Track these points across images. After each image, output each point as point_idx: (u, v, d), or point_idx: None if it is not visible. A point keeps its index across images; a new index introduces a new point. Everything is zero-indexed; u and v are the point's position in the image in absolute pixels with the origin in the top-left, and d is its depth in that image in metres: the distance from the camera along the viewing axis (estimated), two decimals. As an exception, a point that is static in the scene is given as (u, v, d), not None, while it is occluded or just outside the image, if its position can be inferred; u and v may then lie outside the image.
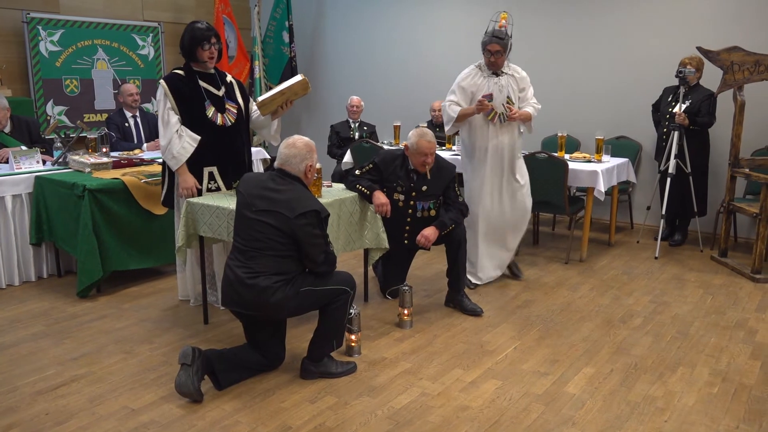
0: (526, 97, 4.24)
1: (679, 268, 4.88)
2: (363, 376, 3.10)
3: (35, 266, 4.47)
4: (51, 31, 6.24)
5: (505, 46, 4.06)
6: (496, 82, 4.14)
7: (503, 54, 4.08)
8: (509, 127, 4.20)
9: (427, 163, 3.80)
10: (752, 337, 3.58)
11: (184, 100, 3.57)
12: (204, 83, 3.63)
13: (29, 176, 4.38)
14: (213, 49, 3.58)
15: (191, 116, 3.58)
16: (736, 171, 4.84)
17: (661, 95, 5.51)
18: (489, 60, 4.11)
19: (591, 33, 6.04)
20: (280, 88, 3.69)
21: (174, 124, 3.54)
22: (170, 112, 3.55)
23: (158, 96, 3.61)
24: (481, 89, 4.14)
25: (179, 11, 7.43)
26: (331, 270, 2.99)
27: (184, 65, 3.67)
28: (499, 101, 4.12)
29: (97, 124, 6.34)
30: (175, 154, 3.55)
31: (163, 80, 3.59)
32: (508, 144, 4.21)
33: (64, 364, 3.21)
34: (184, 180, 3.60)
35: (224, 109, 3.67)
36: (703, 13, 5.56)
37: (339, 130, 6.63)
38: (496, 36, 4.03)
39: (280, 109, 3.74)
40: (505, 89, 4.14)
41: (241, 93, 3.80)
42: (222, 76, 3.75)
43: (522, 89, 4.22)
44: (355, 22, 7.62)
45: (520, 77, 4.21)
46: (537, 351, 3.40)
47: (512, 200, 4.33)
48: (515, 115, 4.11)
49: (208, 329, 3.67)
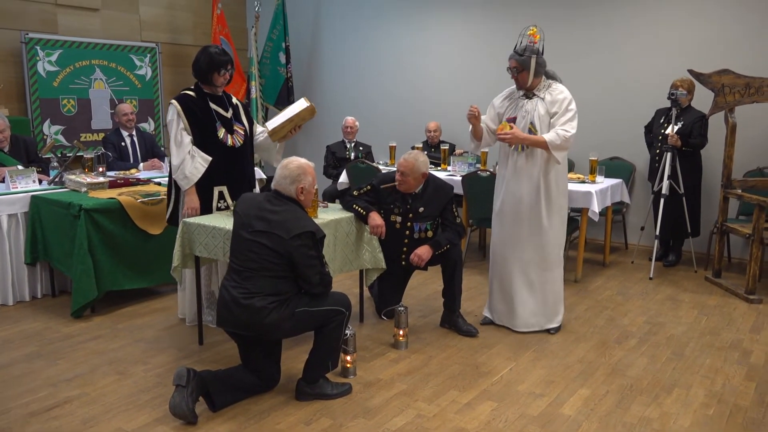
0: (554, 123, 3.67)
1: (674, 288, 4.90)
2: (358, 397, 3.09)
3: (29, 286, 4.46)
4: (49, 51, 6.28)
5: (523, 63, 3.64)
6: (522, 105, 3.77)
7: (522, 71, 3.67)
8: (533, 157, 3.74)
9: (399, 181, 3.83)
10: (747, 359, 3.59)
11: (196, 120, 3.64)
12: (214, 105, 3.71)
13: (25, 196, 4.38)
14: (227, 75, 3.69)
15: (203, 137, 3.65)
16: (728, 192, 4.88)
17: (654, 117, 5.57)
18: (512, 77, 3.75)
19: (583, 55, 6.12)
20: (288, 115, 3.80)
21: (187, 145, 3.61)
22: (183, 132, 3.61)
23: (170, 116, 3.65)
24: (509, 110, 3.84)
25: (177, 32, 7.49)
26: (327, 291, 2.99)
27: (194, 86, 3.73)
28: (520, 127, 3.72)
29: (94, 144, 6.37)
30: (187, 174, 3.60)
31: (175, 100, 3.64)
32: (529, 176, 3.74)
33: (58, 386, 3.19)
34: (190, 200, 3.66)
35: (233, 130, 3.76)
36: (694, 36, 5.65)
37: (335, 150, 6.66)
38: (515, 51, 3.68)
39: (289, 134, 3.85)
40: (530, 114, 3.72)
41: (245, 115, 3.90)
42: (228, 98, 3.85)
43: (553, 114, 3.68)
44: (352, 44, 7.69)
45: (551, 100, 3.69)
46: (532, 372, 3.39)
47: (529, 242, 3.82)
48: (504, 137, 3.65)
49: (202, 350, 3.65)
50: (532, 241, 3.81)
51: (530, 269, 3.85)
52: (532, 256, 3.83)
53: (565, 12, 6.16)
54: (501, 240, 3.93)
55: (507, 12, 6.53)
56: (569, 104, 3.68)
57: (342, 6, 7.70)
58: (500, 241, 3.93)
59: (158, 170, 5.49)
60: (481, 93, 6.63)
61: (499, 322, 4.02)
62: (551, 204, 3.78)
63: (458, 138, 6.72)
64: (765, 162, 5.44)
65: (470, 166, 5.70)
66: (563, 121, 3.65)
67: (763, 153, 5.46)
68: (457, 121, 6.87)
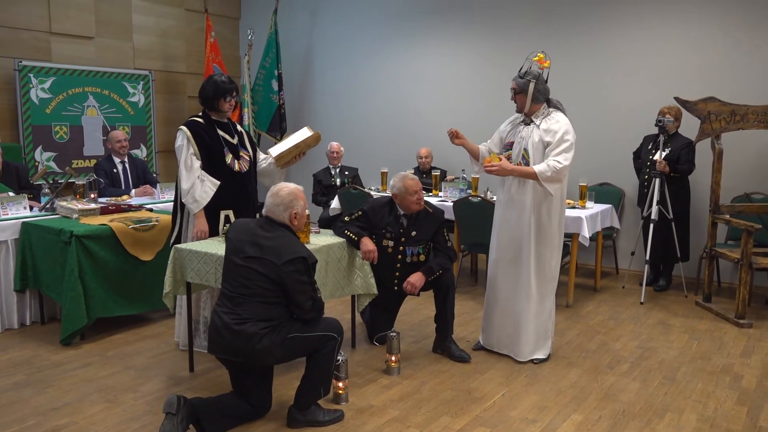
0: (547, 154, 3.61)
1: (665, 313, 4.92)
2: (350, 424, 3.07)
3: (18, 313, 4.41)
4: (42, 78, 6.31)
5: (522, 86, 3.62)
6: (520, 131, 3.75)
7: (519, 94, 3.65)
8: (524, 186, 3.70)
9: (420, 199, 3.88)
10: (738, 383, 3.60)
11: (205, 146, 3.74)
12: (221, 131, 3.83)
13: (16, 222, 4.36)
14: (233, 101, 3.83)
15: (212, 162, 3.75)
16: (717, 217, 4.94)
17: (642, 143, 5.65)
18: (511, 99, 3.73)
19: (572, 82, 6.21)
20: (295, 141, 3.94)
21: (197, 169, 3.70)
22: (193, 157, 3.71)
23: (179, 141, 3.74)
24: (509, 136, 3.82)
25: (170, 60, 7.56)
26: (319, 316, 2.99)
27: (202, 113, 3.86)
28: (515, 153, 3.71)
29: (86, 170, 6.36)
30: (197, 198, 3.68)
31: (185, 126, 3.75)
32: (521, 204, 3.72)
33: (46, 414, 3.15)
34: (200, 223, 3.74)
35: (239, 156, 3.87)
36: (681, 64, 5.76)
37: (321, 178, 6.63)
38: (518, 74, 3.66)
39: (293, 159, 3.99)
40: (524, 141, 3.69)
41: (249, 141, 4.01)
42: (234, 125, 3.97)
43: (546, 143, 3.62)
44: (344, 71, 7.78)
45: (546, 129, 3.62)
46: (525, 397, 3.38)
47: (520, 271, 3.79)
48: (491, 170, 3.59)
49: (193, 377, 3.62)
50: (523, 270, 3.77)
51: (520, 297, 3.82)
52: (523, 285, 3.80)
53: (554, 40, 6.27)
54: (495, 267, 3.94)
55: (497, 39, 6.64)
56: (564, 135, 3.59)
57: (334, 33, 7.81)
58: (494, 267, 3.94)
59: (150, 197, 5.49)
60: (472, 119, 6.72)
61: (490, 348, 4.01)
62: (542, 234, 3.72)
63: (449, 164, 6.77)
64: (752, 187, 5.51)
65: (461, 192, 5.74)
66: (557, 152, 3.57)
67: (749, 179, 5.54)
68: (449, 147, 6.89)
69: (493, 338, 3.99)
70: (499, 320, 3.93)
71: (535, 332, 3.82)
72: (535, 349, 3.85)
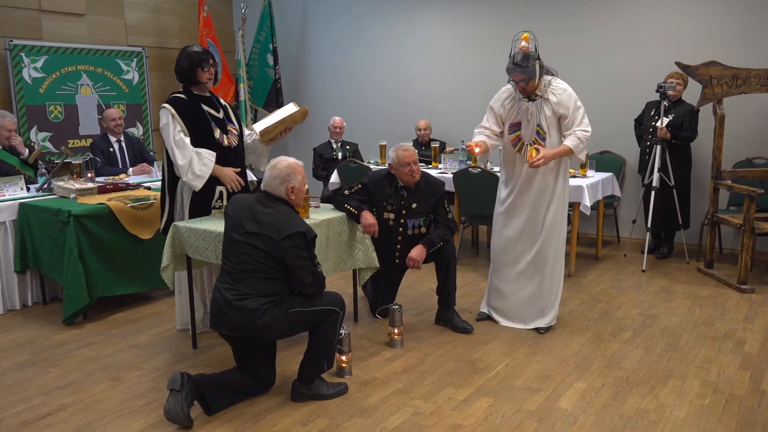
0: (568, 125, 3.65)
1: (667, 280, 4.91)
2: (354, 397, 3.08)
3: (20, 294, 4.41)
4: (34, 57, 6.23)
5: (530, 73, 3.56)
6: (526, 108, 3.70)
7: (530, 81, 3.59)
8: None
9: (413, 171, 3.81)
10: (741, 348, 3.60)
11: (191, 122, 3.58)
12: (205, 106, 3.66)
13: (13, 203, 4.33)
14: (212, 70, 3.64)
15: (200, 138, 3.59)
16: (718, 183, 4.90)
17: (644, 110, 5.59)
18: (517, 88, 3.69)
19: (572, 50, 6.13)
20: (280, 116, 3.78)
21: (189, 145, 3.53)
22: (181, 134, 3.54)
23: (163, 120, 3.57)
24: (512, 114, 3.76)
25: (163, 36, 7.44)
26: (320, 291, 2.97)
27: (183, 89, 3.68)
28: (527, 132, 3.71)
29: (82, 150, 6.31)
30: (197, 172, 3.53)
31: (168, 104, 3.58)
32: (543, 175, 3.74)
33: (50, 393, 3.16)
34: (225, 176, 3.61)
35: (227, 130, 3.71)
36: (682, 29, 5.67)
37: (322, 152, 6.62)
38: (516, 64, 3.55)
39: (278, 135, 3.82)
40: (535, 117, 3.67)
41: (234, 115, 3.85)
42: (217, 99, 3.80)
43: (561, 115, 3.66)
44: (340, 43, 7.68)
45: (556, 102, 3.63)
46: (528, 367, 3.39)
47: (534, 240, 3.83)
48: (538, 163, 3.57)
49: (196, 354, 3.63)
50: (537, 239, 3.81)
51: (532, 267, 3.85)
52: (536, 254, 3.82)
53: (553, 8, 6.17)
54: (503, 237, 3.92)
55: (494, 10, 6.54)
56: (576, 102, 3.65)
57: (329, 5, 7.69)
58: (502, 238, 3.93)
59: (148, 175, 5.45)
60: (470, 90, 6.66)
61: (496, 317, 4.02)
62: (559, 202, 3.80)
63: (448, 136, 6.72)
64: (754, 152, 5.47)
65: (461, 163, 5.70)
66: (578, 121, 3.64)
67: (751, 143, 5.49)
68: (447, 118, 6.89)
69: (498, 308, 4.01)
70: (505, 289, 3.95)
71: (544, 299, 3.86)
72: (543, 314, 3.88)
